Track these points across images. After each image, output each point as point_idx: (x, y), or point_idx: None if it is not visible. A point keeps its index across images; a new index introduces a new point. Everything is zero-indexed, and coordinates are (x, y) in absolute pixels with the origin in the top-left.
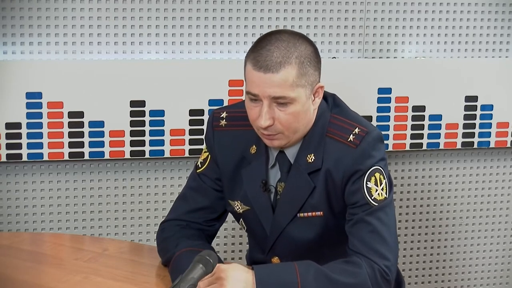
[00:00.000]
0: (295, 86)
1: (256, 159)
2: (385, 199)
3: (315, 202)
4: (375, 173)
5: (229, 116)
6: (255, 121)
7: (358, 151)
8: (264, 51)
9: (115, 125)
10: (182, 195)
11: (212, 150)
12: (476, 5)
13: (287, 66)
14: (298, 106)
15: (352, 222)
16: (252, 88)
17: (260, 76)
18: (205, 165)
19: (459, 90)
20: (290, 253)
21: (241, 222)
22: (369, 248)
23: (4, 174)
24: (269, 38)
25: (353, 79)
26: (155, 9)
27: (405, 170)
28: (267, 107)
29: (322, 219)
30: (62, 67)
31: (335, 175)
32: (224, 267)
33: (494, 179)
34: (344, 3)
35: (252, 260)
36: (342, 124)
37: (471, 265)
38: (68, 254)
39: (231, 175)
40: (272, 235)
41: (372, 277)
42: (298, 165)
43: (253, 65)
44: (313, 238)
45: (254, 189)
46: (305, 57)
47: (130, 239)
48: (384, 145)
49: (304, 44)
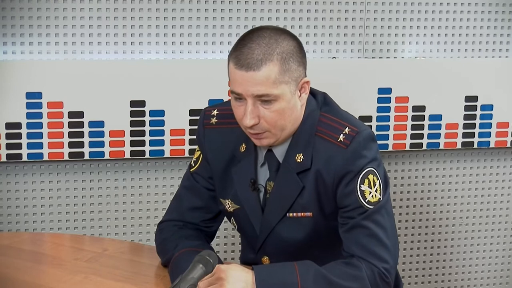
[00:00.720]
0: (278, 83)
1: (245, 157)
2: (379, 200)
3: (305, 202)
4: (368, 175)
5: (220, 113)
6: (241, 120)
7: (348, 152)
8: (245, 49)
9: (115, 125)
10: (177, 194)
11: (203, 148)
12: (476, 5)
13: (268, 63)
14: (283, 103)
15: (347, 226)
16: (235, 87)
17: (242, 75)
18: (198, 164)
19: (459, 90)
20: (280, 253)
21: (232, 221)
22: (367, 252)
23: (4, 174)
24: (251, 36)
25: (353, 79)
26: (155, 9)
27: (405, 170)
28: (251, 106)
29: (311, 220)
30: (62, 67)
31: (325, 176)
32: (224, 267)
33: (494, 179)
34: (344, 3)
35: (244, 260)
36: (332, 124)
37: (471, 265)
38: (68, 254)
39: (221, 173)
40: (262, 234)
41: (372, 279)
42: (287, 164)
43: (235, 63)
44: (302, 239)
45: (243, 188)
46: (287, 52)
47: (130, 239)
48: (377, 144)
49: (286, 40)
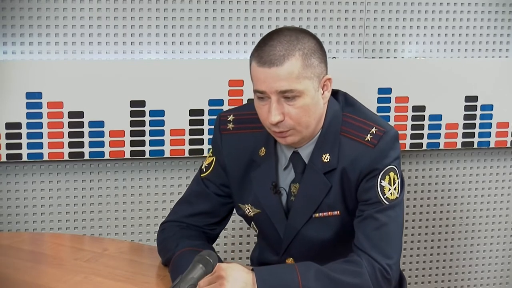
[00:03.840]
0: (301, 78)
1: (265, 161)
2: (396, 198)
3: (331, 201)
4: (389, 172)
5: (237, 119)
6: (266, 120)
7: (376, 151)
8: (267, 47)
9: (115, 125)
10: (184, 198)
11: (220, 154)
12: (476, 5)
13: (291, 58)
14: (307, 99)
15: (361, 217)
16: (259, 85)
17: (265, 72)
18: (210, 169)
19: (459, 90)
20: (305, 253)
21: (252, 225)
22: (373, 245)
23: (4, 174)
24: (271, 35)
25: (353, 79)
26: (155, 9)
27: (405, 170)
28: (276, 103)
29: (339, 218)
30: (62, 67)
31: (351, 174)
32: (224, 267)
33: (494, 179)
34: (344, 3)
35: (263, 261)
36: (357, 124)
37: (472, 265)
38: (68, 254)
39: (240, 178)
40: (287, 237)
41: (372, 275)
42: (313, 165)
43: (257, 61)
44: (329, 237)
45: (264, 192)
46: (308, 49)
47: (130, 239)
48: (399, 144)
49: (307, 37)
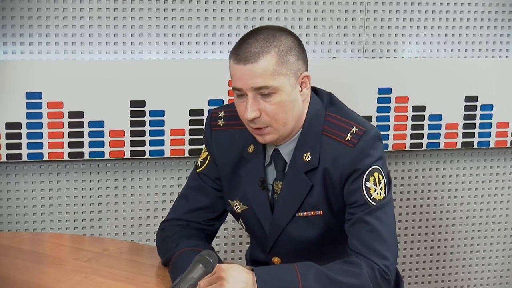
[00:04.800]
0: (277, 74)
1: (254, 158)
2: (383, 198)
3: (314, 201)
4: (374, 172)
5: (227, 115)
6: (243, 116)
7: (356, 150)
8: (244, 44)
9: (115, 125)
10: (182, 194)
11: (211, 150)
12: (476, 5)
13: (266, 55)
14: (283, 96)
15: (351, 221)
16: (236, 82)
17: (241, 69)
18: (205, 164)
19: (459, 90)
20: (291, 252)
21: (240, 222)
22: (368, 248)
23: (4, 174)
24: (250, 33)
25: (353, 79)
26: (155, 9)
27: (405, 170)
28: (252, 100)
29: (322, 218)
30: (62, 67)
31: (333, 174)
32: (224, 267)
33: (494, 179)
34: (344, 3)
35: (253, 259)
36: (338, 123)
37: (471, 265)
38: (68, 254)
39: (230, 174)
40: (272, 235)
41: (372, 277)
42: (295, 164)
43: (234, 59)
44: (314, 237)
45: (252, 188)
46: (284, 46)
47: (130, 239)
48: (383, 143)
49: (284, 35)
